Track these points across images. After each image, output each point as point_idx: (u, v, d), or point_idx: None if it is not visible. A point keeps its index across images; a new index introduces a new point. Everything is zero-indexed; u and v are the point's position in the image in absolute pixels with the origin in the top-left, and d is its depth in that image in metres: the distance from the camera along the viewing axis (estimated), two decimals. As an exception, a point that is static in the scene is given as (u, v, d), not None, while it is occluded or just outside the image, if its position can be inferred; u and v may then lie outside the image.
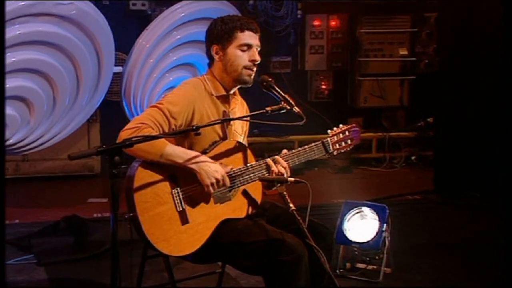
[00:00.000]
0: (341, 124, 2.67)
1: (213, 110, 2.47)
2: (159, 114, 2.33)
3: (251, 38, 2.45)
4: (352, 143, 2.66)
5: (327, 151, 2.60)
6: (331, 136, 2.63)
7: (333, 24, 6.39)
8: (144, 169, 2.30)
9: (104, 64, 4.03)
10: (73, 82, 3.92)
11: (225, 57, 2.46)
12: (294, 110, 2.39)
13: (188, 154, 2.33)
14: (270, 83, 2.43)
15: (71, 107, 3.97)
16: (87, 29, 3.88)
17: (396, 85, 6.46)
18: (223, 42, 2.44)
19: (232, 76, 2.47)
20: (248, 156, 2.50)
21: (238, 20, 2.46)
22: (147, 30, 4.26)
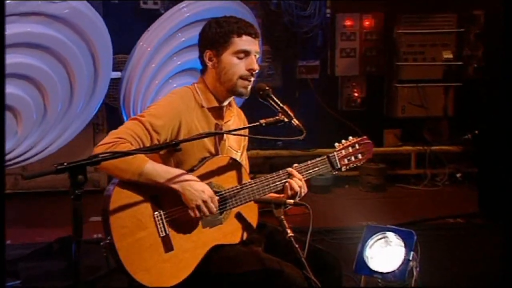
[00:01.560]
0: (351, 137, 2.64)
1: (203, 123, 2.43)
2: (140, 128, 2.29)
3: (249, 43, 2.40)
4: (363, 158, 2.63)
5: (334, 166, 2.56)
6: (338, 150, 2.59)
7: (367, 24, 6.31)
8: (122, 189, 2.25)
9: (101, 68, 4.02)
10: (65, 88, 3.93)
11: (219, 64, 2.42)
12: (293, 123, 2.32)
13: (170, 172, 2.28)
14: (267, 92, 2.37)
15: (65, 115, 3.98)
16: (82, 30, 3.88)
17: (439, 93, 6.30)
18: (218, 47, 2.40)
19: (226, 86, 2.42)
20: (242, 174, 2.45)
21: (235, 23, 2.41)
22: (148, 31, 4.26)
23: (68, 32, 3.80)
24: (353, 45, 6.29)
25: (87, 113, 4.15)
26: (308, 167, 2.51)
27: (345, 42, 6.27)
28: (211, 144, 2.44)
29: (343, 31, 6.25)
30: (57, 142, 4.07)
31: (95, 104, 4.15)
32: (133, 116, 4.08)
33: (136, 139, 2.27)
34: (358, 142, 2.62)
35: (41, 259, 3.92)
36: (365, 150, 2.62)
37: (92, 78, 4.04)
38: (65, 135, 4.07)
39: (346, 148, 2.60)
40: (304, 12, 5.98)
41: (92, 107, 4.16)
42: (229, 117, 2.52)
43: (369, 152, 2.63)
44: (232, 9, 4.35)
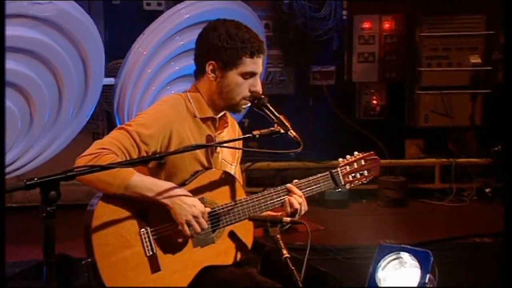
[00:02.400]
0: (356, 152, 2.65)
1: (196, 134, 2.43)
2: (127, 138, 2.29)
3: (259, 65, 2.41)
4: (369, 175, 2.65)
5: (337, 183, 2.58)
6: (342, 166, 2.60)
7: (387, 27, 6.28)
8: (106, 204, 2.24)
9: (92, 73, 4.05)
10: (53, 95, 3.95)
11: (223, 80, 2.40)
12: (290, 134, 2.30)
13: (159, 186, 2.28)
14: (262, 101, 2.38)
15: (53, 123, 4.01)
16: (71, 33, 3.89)
17: (465, 101, 6.25)
18: (225, 63, 2.38)
19: (227, 103, 2.44)
20: (237, 190, 2.43)
21: (248, 39, 2.37)
22: (143, 34, 4.27)
23: (55, 35, 3.82)
24: (372, 49, 6.26)
25: (78, 121, 4.16)
26: (309, 183, 2.51)
27: (363, 46, 6.24)
28: (203, 156, 2.44)
29: (361, 34, 6.22)
30: (46, 152, 4.09)
31: (86, 111, 4.17)
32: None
33: (122, 150, 2.27)
34: (364, 158, 2.63)
35: (31, 278, 3.92)
36: (372, 166, 2.64)
37: (83, 84, 4.06)
38: (55, 144, 4.09)
39: (351, 164, 2.61)
40: (319, 14, 5.96)
41: (84, 115, 4.17)
42: (222, 127, 2.52)
43: (375, 169, 2.65)
44: (234, 11, 4.35)
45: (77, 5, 3.94)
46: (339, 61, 6.28)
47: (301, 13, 5.91)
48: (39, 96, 3.87)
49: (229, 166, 2.54)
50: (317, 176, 2.53)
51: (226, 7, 4.43)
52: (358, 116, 6.38)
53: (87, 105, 4.15)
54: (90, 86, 4.10)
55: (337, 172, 2.57)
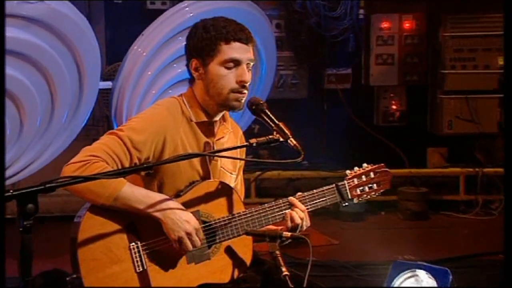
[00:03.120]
0: (365, 164, 2.67)
1: (192, 140, 2.43)
2: (117, 144, 2.30)
3: (240, 51, 2.41)
4: (379, 188, 2.67)
5: (344, 197, 2.60)
6: (349, 179, 2.61)
7: (407, 26, 6.24)
8: (94, 216, 2.24)
9: (87, 76, 4.04)
10: (45, 100, 3.96)
11: (206, 75, 2.43)
12: (290, 143, 2.30)
13: (151, 197, 2.28)
14: (261, 106, 2.37)
15: (46, 130, 4.01)
16: (63, 35, 3.88)
17: (493, 106, 6.19)
18: (203, 56, 2.42)
19: (216, 100, 2.44)
20: (235, 202, 2.43)
21: (223, 27, 2.42)
22: (143, 35, 4.27)
23: (47, 36, 3.81)
24: (391, 50, 6.23)
25: (73, 128, 4.16)
26: (314, 196, 2.52)
27: (381, 47, 6.21)
28: (200, 164, 2.44)
29: (379, 34, 6.19)
30: (39, 160, 4.10)
31: (81, 117, 4.17)
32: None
33: (112, 157, 2.27)
34: (373, 170, 2.65)
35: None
36: (382, 179, 2.66)
37: (77, 88, 4.06)
38: (47, 152, 4.10)
39: (359, 176, 2.62)
40: (334, 13, 5.93)
41: (79, 121, 4.18)
42: (222, 133, 2.52)
43: (386, 182, 2.67)
44: (241, 10, 4.34)
45: (71, 5, 3.94)
46: (356, 63, 6.26)
47: (314, 12, 5.88)
48: (30, 101, 3.88)
49: (229, 175, 2.53)
50: (322, 189, 2.54)
51: (232, 6, 4.42)
52: (376, 122, 6.35)
53: (82, 110, 4.15)
54: (85, 90, 4.10)
55: (343, 185, 2.58)
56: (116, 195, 2.22)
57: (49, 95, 3.99)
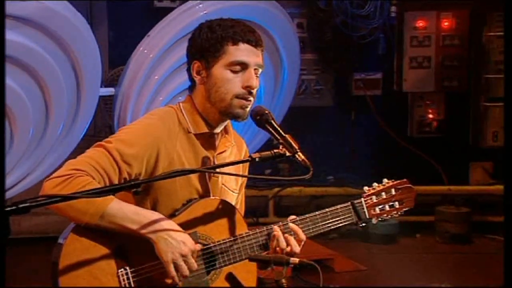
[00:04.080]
0: (386, 179, 2.64)
1: (190, 154, 2.42)
2: (105, 157, 2.29)
3: (248, 54, 2.41)
4: (401, 207, 2.63)
5: (360, 217, 2.56)
6: (367, 196, 2.59)
7: (446, 26, 6.23)
8: (78, 237, 2.23)
9: (85, 82, 4.07)
10: (39, 109, 3.97)
11: (208, 79, 2.42)
12: (297, 158, 2.27)
13: (142, 215, 2.26)
14: (265, 117, 2.35)
15: (39, 143, 4.03)
16: (58, 35, 3.90)
17: (544, 114, 6.10)
18: (207, 57, 2.42)
19: (218, 107, 2.42)
20: (237, 223, 2.41)
21: (230, 27, 2.42)
22: (148, 36, 4.31)
23: (40, 38, 3.83)
24: (427, 52, 6.22)
25: (70, 139, 4.18)
26: (326, 216, 2.51)
27: (416, 49, 6.20)
28: (198, 181, 2.42)
29: (414, 34, 6.19)
30: (33, 175, 4.12)
31: (80, 128, 4.19)
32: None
33: (99, 171, 2.26)
34: (395, 187, 2.62)
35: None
36: (404, 197, 2.63)
37: (75, 95, 4.08)
38: (42, 166, 4.12)
39: (378, 193, 2.60)
40: (362, 11, 5.93)
41: (77, 132, 4.20)
42: (224, 147, 2.51)
43: (409, 200, 2.63)
44: (261, 9, 4.38)
45: (67, 3, 3.97)
46: (387, 67, 6.26)
47: (341, 10, 5.89)
48: (21, 110, 3.90)
49: (231, 194, 2.52)
50: (336, 207, 2.52)
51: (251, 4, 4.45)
52: (411, 133, 6.33)
53: (80, 120, 4.17)
54: (83, 98, 4.12)
55: (360, 203, 2.55)
56: (102, 212, 2.21)
57: (42, 104, 4.01)
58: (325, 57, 6.07)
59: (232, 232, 2.38)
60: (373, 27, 5.99)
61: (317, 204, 5.83)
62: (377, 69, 6.21)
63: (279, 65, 4.82)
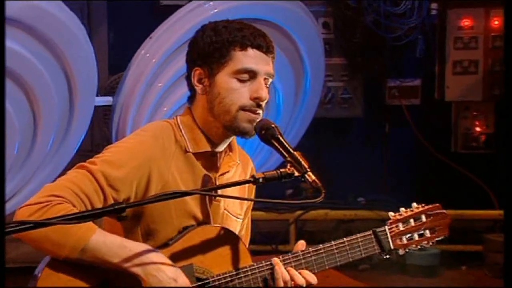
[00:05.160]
0: (415, 204, 2.65)
1: (188, 176, 2.42)
2: (88, 181, 2.29)
3: (257, 61, 2.42)
4: (433, 236, 2.64)
5: (383, 248, 2.57)
6: (391, 224, 2.60)
7: (496, 25, 6.20)
8: (55, 273, 2.24)
9: (79, 91, 4.08)
10: (26, 121, 3.99)
11: (211, 88, 2.43)
12: (307, 178, 2.25)
13: (128, 248, 2.26)
14: (271, 131, 2.35)
15: (26, 159, 4.04)
16: (48, 38, 3.92)
17: None
18: (211, 64, 2.42)
19: (222, 120, 2.42)
20: (241, 254, 2.42)
21: (238, 29, 2.43)
22: (150, 38, 4.33)
23: (27, 41, 3.84)
24: (474, 55, 6.20)
25: (62, 155, 4.19)
26: (344, 246, 2.50)
27: (461, 52, 6.18)
28: (197, 206, 2.43)
29: (458, 34, 6.17)
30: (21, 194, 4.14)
31: (73, 141, 4.20)
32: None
33: (80, 197, 2.26)
34: (425, 212, 2.63)
35: None
36: (437, 224, 2.64)
37: (67, 106, 4.09)
38: (31, 185, 4.12)
39: (405, 220, 2.61)
40: (397, 8, 5.92)
41: (69, 146, 4.21)
42: (227, 167, 2.51)
43: (442, 228, 2.65)
44: (280, 8, 4.41)
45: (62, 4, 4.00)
46: (426, 72, 6.23)
47: (372, 7, 5.88)
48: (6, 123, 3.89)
49: (234, 220, 2.53)
50: (354, 237, 2.53)
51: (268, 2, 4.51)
52: (454, 148, 6.30)
53: (73, 134, 4.18)
54: (76, 108, 4.13)
55: (384, 231, 2.56)
56: (84, 245, 2.20)
57: (30, 116, 4.03)
58: (355, 61, 6.07)
59: (234, 265, 2.38)
60: (410, 27, 5.97)
61: (345, 230, 5.82)
62: (415, 75, 6.21)
63: (300, 71, 4.84)
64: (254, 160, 4.55)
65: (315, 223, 5.91)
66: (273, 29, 4.54)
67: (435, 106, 6.26)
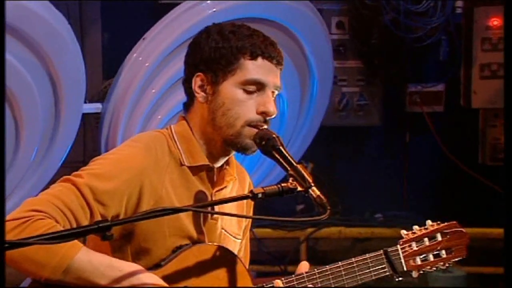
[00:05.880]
0: (429, 221, 2.70)
1: (182, 191, 2.44)
2: (73, 195, 2.31)
3: (267, 72, 2.46)
4: (449, 256, 2.68)
5: (395, 269, 2.61)
6: (404, 243, 2.64)
7: (527, 24, 6.15)
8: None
9: (65, 97, 4.09)
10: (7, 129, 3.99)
11: (215, 97, 2.46)
12: (311, 193, 2.27)
13: (116, 268, 2.27)
14: (272, 142, 2.38)
15: (8, 170, 4.04)
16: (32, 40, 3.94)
17: None
18: (216, 70, 2.46)
19: (224, 134, 2.46)
20: (239, 276, 2.44)
21: (248, 36, 2.47)
22: (144, 39, 4.34)
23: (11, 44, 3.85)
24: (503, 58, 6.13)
25: (47, 166, 4.19)
26: (351, 268, 2.53)
27: (489, 54, 6.15)
28: (192, 224, 2.44)
29: (486, 35, 6.14)
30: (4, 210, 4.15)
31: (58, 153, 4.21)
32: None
33: (65, 213, 2.27)
34: (441, 231, 2.67)
35: None
36: (454, 244, 2.68)
37: (52, 113, 4.10)
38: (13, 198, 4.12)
39: (420, 240, 2.64)
40: (418, 7, 5.89)
41: (55, 157, 4.22)
42: (224, 182, 2.53)
43: (460, 249, 2.70)
44: (283, 6, 4.44)
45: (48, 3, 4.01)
46: (451, 76, 6.21)
47: (391, 5, 5.85)
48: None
49: (232, 240, 2.55)
50: (364, 257, 2.57)
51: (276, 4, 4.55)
52: (482, 160, 6.26)
53: (58, 144, 4.18)
54: (62, 116, 4.14)
55: (396, 251, 2.60)
56: (67, 265, 2.21)
57: (12, 124, 4.04)
58: (372, 64, 6.04)
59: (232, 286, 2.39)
60: (432, 27, 5.92)
61: (361, 249, 5.80)
62: (438, 80, 6.20)
63: (306, 75, 4.85)
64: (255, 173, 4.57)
65: (329, 242, 5.91)
66: (275, 28, 4.57)
67: (460, 113, 6.25)
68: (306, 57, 4.89)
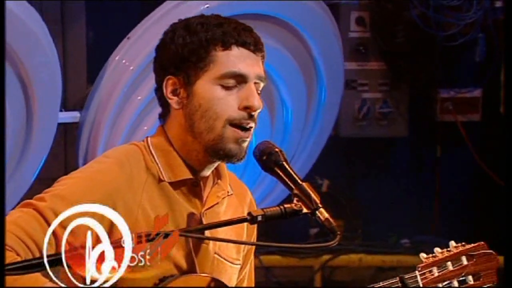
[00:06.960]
0: (453, 242, 2.69)
1: (163, 210, 2.43)
2: (35, 221, 2.32)
3: (245, 61, 2.47)
4: (478, 282, 2.65)
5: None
6: (424, 268, 2.61)
7: None
8: None
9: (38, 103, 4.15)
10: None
11: (190, 100, 2.48)
12: (318, 216, 2.28)
13: None
14: (275, 157, 2.38)
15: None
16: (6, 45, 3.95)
17: None
18: (187, 69, 2.48)
19: (204, 141, 2.47)
20: None
21: (217, 25, 2.48)
22: (128, 39, 4.42)
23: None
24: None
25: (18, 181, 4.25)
26: None
27: (533, 55, 6.14)
28: (180, 250, 2.44)
29: (530, 33, 6.13)
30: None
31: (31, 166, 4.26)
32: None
33: (26, 243, 2.29)
34: (466, 254, 2.64)
35: None
36: (482, 268, 2.65)
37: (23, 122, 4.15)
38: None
39: (441, 264, 2.63)
40: (450, 1, 5.92)
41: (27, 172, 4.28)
42: (215, 198, 2.53)
43: (490, 273, 2.65)
44: (292, 4, 4.51)
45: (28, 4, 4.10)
46: (489, 80, 6.22)
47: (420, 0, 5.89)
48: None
49: (229, 266, 2.56)
50: (378, 285, 2.56)
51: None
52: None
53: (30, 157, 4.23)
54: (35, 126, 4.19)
55: (414, 278, 2.58)
56: None
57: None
58: (397, 66, 6.07)
59: None
60: (467, 23, 5.98)
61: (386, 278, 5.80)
62: (474, 84, 6.23)
63: (314, 79, 4.89)
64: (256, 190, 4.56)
65: (347, 271, 5.93)
66: (277, 25, 4.64)
67: (499, 122, 6.14)
68: (313, 59, 4.94)
